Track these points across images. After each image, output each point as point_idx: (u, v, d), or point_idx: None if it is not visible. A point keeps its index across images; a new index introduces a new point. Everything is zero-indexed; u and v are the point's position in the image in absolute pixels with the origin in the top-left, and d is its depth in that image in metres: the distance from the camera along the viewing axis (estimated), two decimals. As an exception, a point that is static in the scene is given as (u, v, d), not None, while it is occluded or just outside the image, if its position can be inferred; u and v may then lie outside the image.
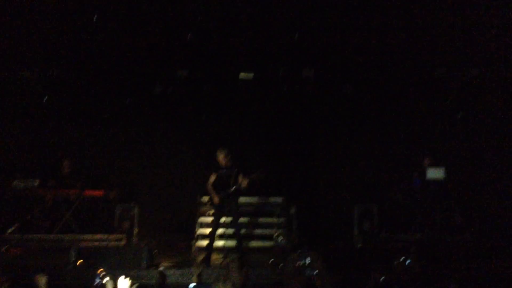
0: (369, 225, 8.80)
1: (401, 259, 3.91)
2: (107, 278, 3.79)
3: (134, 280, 4.38)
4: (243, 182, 7.37)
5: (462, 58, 8.64)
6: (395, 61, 8.79)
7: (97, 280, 3.76)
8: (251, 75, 9.05)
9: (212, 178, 7.60)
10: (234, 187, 7.45)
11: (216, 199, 7.44)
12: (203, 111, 9.72)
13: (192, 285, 1.98)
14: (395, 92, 9.35)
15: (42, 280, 3.77)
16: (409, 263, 3.94)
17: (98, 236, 8.17)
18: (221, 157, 7.57)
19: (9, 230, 8.00)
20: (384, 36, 8.25)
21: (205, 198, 8.88)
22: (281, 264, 5.42)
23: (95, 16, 7.84)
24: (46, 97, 9.13)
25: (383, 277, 3.50)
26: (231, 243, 7.78)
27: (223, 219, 7.61)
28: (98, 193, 8.62)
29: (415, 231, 8.32)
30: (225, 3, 7.95)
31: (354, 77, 9.09)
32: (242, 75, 9.04)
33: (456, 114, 9.34)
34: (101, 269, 3.88)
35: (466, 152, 9.22)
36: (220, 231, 7.76)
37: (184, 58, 8.90)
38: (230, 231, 7.78)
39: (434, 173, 8.38)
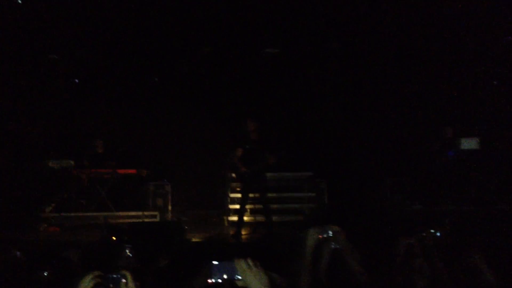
0: (401, 197, 8.70)
1: (431, 231, 3.80)
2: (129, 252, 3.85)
3: (166, 255, 4.43)
4: (270, 158, 7.22)
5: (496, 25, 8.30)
6: (421, 32, 8.51)
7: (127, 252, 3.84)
8: (276, 50, 8.97)
9: (239, 152, 7.32)
10: (262, 163, 7.26)
11: (243, 169, 7.25)
12: (229, 87, 9.72)
13: (215, 262, 1.98)
14: (425, 64, 9.10)
15: (75, 255, 3.86)
16: (440, 235, 3.83)
17: (133, 213, 8.38)
18: (251, 128, 7.27)
19: (47, 209, 8.28)
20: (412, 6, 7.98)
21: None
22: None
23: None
24: (76, 79, 9.30)
25: (412, 241, 3.42)
26: (260, 218, 7.80)
27: (251, 194, 7.52)
28: (131, 171, 8.80)
29: (448, 203, 8.16)
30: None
31: (379, 48, 8.88)
32: (268, 50, 8.96)
33: (491, 82, 9.02)
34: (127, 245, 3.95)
35: (500, 122, 8.92)
36: (249, 206, 7.75)
37: (209, 35, 8.88)
38: (259, 206, 7.77)
39: (469, 144, 8.17)
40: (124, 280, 2.18)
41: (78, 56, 9.16)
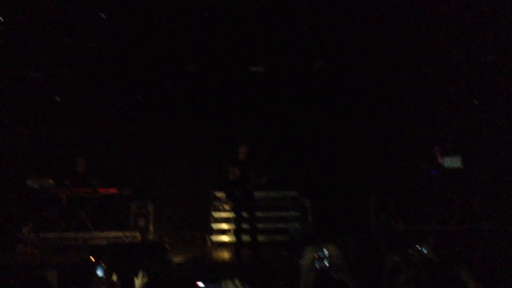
0: (386, 216, 8.68)
1: (417, 247, 3.81)
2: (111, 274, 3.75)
3: (145, 275, 4.31)
4: (261, 179, 7.23)
5: (478, 44, 8.44)
6: (407, 48, 8.62)
7: (100, 273, 3.73)
8: (260, 69, 8.99)
9: (237, 171, 7.35)
10: (254, 182, 7.27)
11: (237, 171, 7.25)
12: (215, 107, 9.69)
13: (200, 283, 1.91)
14: (409, 83, 9.20)
15: (52, 276, 3.75)
16: (425, 251, 3.85)
17: (113, 233, 8.20)
18: (240, 152, 7.43)
19: (24, 229, 8.05)
20: (395, 21, 8.07)
21: (219, 194, 8.88)
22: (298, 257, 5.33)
23: (103, 14, 7.83)
24: (57, 97, 9.19)
25: (399, 258, 3.42)
26: (246, 238, 7.69)
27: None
28: (112, 190, 8.64)
29: (433, 221, 8.16)
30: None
31: (364, 67, 8.96)
32: (253, 68, 8.98)
33: (471, 101, 9.14)
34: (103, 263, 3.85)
35: (483, 140, 9.02)
36: (232, 226, 7.66)
37: (194, 53, 8.86)
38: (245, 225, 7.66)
39: (451, 162, 8.22)
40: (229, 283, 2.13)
41: (59, 74, 9.05)
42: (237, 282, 1.99)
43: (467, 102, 9.28)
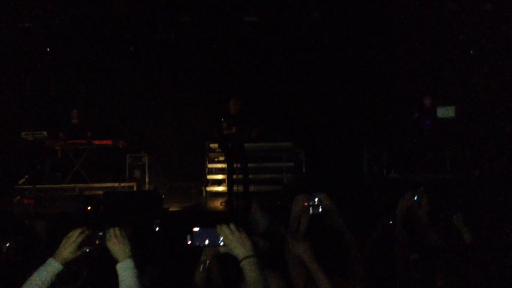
0: (378, 167, 8.80)
1: (409, 194, 3.86)
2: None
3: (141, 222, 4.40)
4: (254, 131, 7.23)
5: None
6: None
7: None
8: (254, 19, 8.85)
9: (224, 125, 7.28)
10: (245, 134, 7.23)
11: (233, 129, 7.16)
12: (208, 57, 9.58)
13: (196, 228, 1.96)
14: (402, 32, 9.10)
15: (41, 226, 3.77)
16: (416, 198, 3.90)
17: (109, 184, 8.28)
18: (231, 106, 7.32)
19: (20, 181, 8.12)
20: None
21: (214, 145, 8.92)
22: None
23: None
24: (48, 48, 9.05)
25: (390, 222, 3.50)
26: (239, 188, 7.76)
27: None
28: (106, 142, 8.64)
29: (424, 171, 8.27)
30: None
31: (360, 17, 8.83)
32: (247, 18, 8.83)
33: (468, 50, 9.08)
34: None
35: (475, 89, 9.02)
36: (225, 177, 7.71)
37: (187, 3, 8.69)
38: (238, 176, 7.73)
39: (444, 112, 8.24)
40: (112, 232, 2.19)
41: (51, 25, 8.87)
42: (232, 226, 2.04)
43: (462, 51, 9.21)
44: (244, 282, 1.96)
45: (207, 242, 2.04)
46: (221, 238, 2.01)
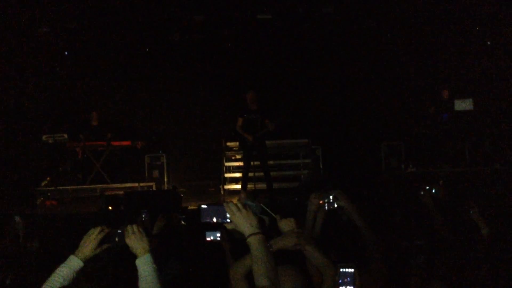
0: (396, 161, 8.76)
1: (427, 188, 3.88)
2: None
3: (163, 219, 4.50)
4: (270, 125, 7.24)
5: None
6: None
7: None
8: (269, 16, 8.87)
9: (240, 121, 7.37)
10: (263, 130, 7.24)
11: (249, 138, 7.24)
12: (223, 56, 9.63)
13: (204, 205, 2.02)
14: (419, 25, 9.02)
15: (18, 220, 3.79)
16: (434, 191, 3.92)
17: (129, 184, 8.41)
18: (248, 99, 7.36)
19: (43, 183, 8.28)
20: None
21: (231, 143, 8.98)
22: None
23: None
24: (66, 52, 9.20)
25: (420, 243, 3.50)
26: (261, 185, 7.79)
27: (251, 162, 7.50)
28: (125, 143, 8.79)
29: (443, 164, 8.21)
30: None
31: (375, 11, 8.79)
32: (261, 16, 8.85)
33: (484, 43, 8.97)
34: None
35: (493, 81, 8.90)
36: (250, 174, 7.73)
37: (202, 1, 8.75)
38: (260, 174, 7.74)
39: (462, 104, 8.16)
40: (130, 229, 2.26)
41: (70, 29, 9.01)
42: (238, 204, 2.09)
43: (479, 43, 9.09)
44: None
45: (214, 219, 2.09)
46: (228, 216, 2.06)
